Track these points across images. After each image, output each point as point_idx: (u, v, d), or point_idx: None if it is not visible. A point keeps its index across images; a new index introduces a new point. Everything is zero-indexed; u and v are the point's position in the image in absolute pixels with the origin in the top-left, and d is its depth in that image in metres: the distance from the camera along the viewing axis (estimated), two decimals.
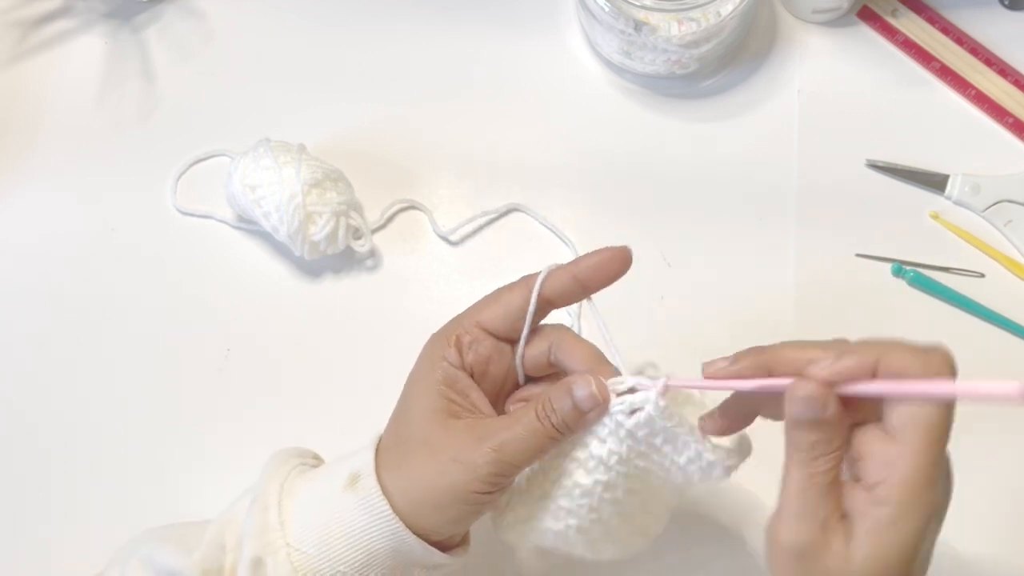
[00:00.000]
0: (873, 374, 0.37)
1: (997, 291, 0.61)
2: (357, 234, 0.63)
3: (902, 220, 0.64)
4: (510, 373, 0.47)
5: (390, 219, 0.65)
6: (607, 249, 0.45)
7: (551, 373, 0.47)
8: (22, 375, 0.63)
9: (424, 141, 0.67)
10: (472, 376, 0.45)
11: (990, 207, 0.63)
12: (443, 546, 0.45)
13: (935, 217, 0.64)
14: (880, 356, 0.37)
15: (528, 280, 0.45)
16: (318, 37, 0.70)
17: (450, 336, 0.45)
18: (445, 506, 0.43)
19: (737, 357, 0.40)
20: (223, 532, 0.46)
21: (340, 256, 0.63)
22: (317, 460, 0.51)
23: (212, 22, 0.71)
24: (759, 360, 0.39)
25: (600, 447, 0.42)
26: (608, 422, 0.42)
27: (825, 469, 0.37)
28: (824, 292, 0.62)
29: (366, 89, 0.69)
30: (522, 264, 0.63)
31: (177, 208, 0.66)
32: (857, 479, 0.38)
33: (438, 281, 0.64)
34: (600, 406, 0.42)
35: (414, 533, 0.43)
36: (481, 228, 0.65)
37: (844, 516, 0.37)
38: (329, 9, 0.71)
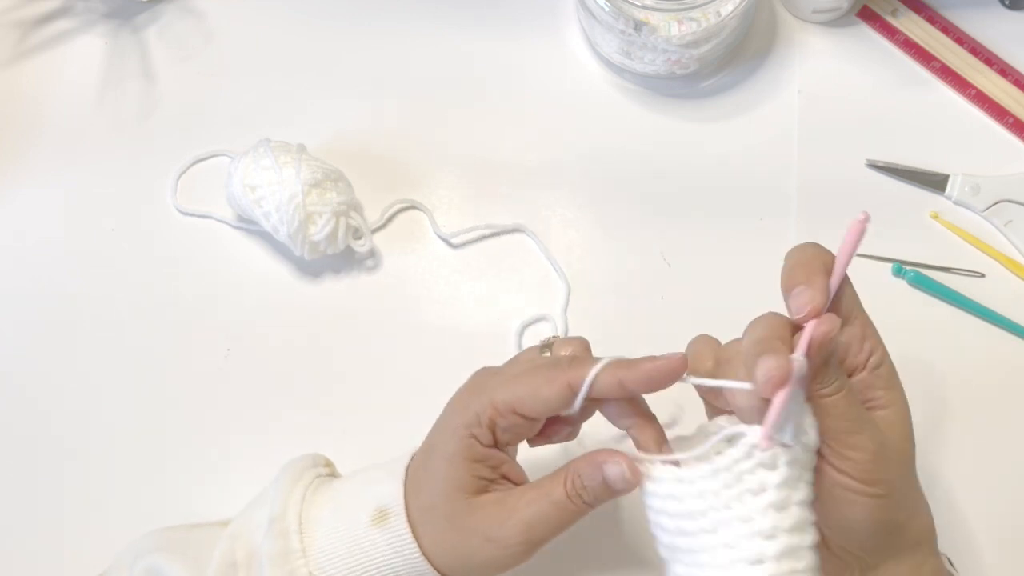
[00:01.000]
0: (828, 272, 0.41)
1: (997, 291, 0.61)
2: (357, 234, 0.63)
3: (902, 220, 0.64)
4: (538, 430, 0.45)
5: (390, 219, 0.65)
6: (660, 361, 0.41)
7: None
8: (22, 375, 0.63)
9: (424, 141, 0.67)
10: (505, 447, 0.44)
11: (990, 207, 0.63)
12: None
13: (935, 217, 0.64)
14: (816, 265, 0.41)
15: (567, 372, 0.42)
16: (318, 37, 0.70)
17: (481, 415, 0.43)
18: (481, 572, 0.43)
19: (770, 349, 0.38)
20: (234, 548, 0.46)
21: (340, 256, 0.63)
22: (330, 468, 0.50)
23: (212, 22, 0.71)
24: (780, 339, 0.39)
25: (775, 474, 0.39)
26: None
27: (847, 380, 0.40)
28: None
29: (366, 89, 0.69)
30: (523, 264, 0.64)
31: (177, 208, 0.66)
32: None
33: (438, 281, 0.64)
34: (632, 486, 0.41)
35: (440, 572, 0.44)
36: (483, 235, 0.65)
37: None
38: (329, 9, 0.71)
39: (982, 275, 0.62)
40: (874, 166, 0.65)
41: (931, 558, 0.43)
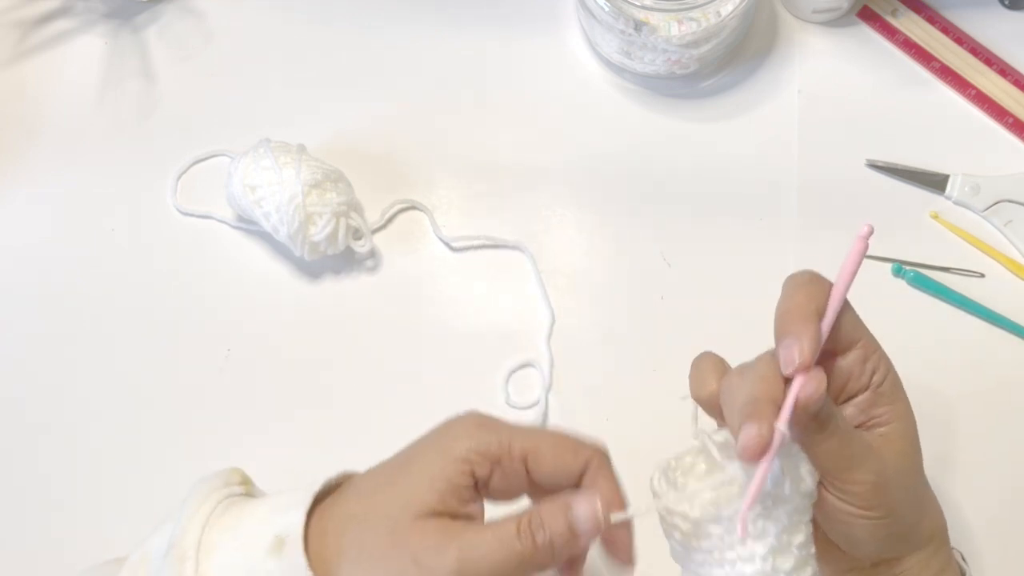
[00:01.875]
0: (820, 320, 0.39)
1: (997, 291, 0.61)
2: (357, 234, 0.63)
3: (902, 220, 0.64)
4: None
5: (390, 219, 0.65)
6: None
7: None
8: (22, 375, 0.63)
9: (424, 141, 0.67)
10: (483, 488, 0.40)
11: (990, 207, 0.63)
12: None
13: (935, 217, 0.64)
14: (805, 307, 0.39)
15: (594, 453, 0.39)
16: (318, 37, 0.70)
17: (491, 449, 0.39)
18: None
19: (756, 414, 0.37)
20: (135, 574, 0.42)
21: (340, 256, 0.63)
22: (246, 486, 0.45)
23: (212, 22, 0.71)
24: (767, 396, 0.38)
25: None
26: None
27: (842, 418, 0.40)
28: None
29: (366, 89, 0.69)
30: (522, 265, 0.64)
31: (177, 208, 0.66)
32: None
33: (438, 282, 0.64)
34: (598, 531, 0.37)
35: None
36: (482, 227, 0.65)
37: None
38: (329, 9, 0.71)
39: (982, 275, 0.62)
40: (874, 166, 0.65)
41: (941, 552, 0.43)
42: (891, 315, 0.62)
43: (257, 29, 0.71)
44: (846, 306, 0.40)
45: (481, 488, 0.40)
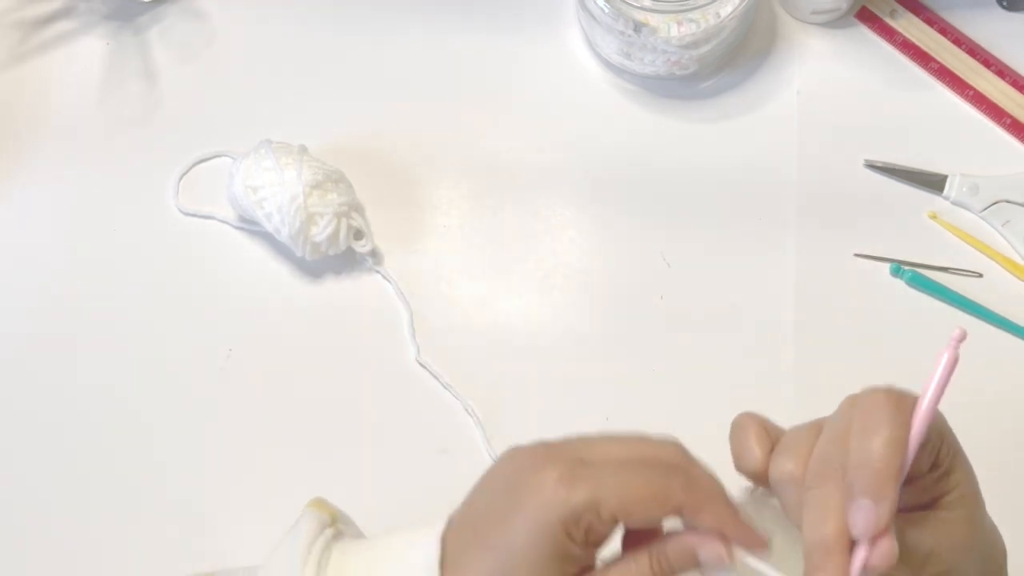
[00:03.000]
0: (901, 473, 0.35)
1: (995, 291, 0.62)
2: (358, 235, 0.63)
3: (901, 220, 0.64)
4: None
5: (391, 220, 0.66)
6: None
7: None
8: (21, 375, 0.63)
9: (425, 142, 0.67)
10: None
11: (988, 207, 0.63)
12: None
13: (933, 217, 0.64)
14: (889, 461, 0.35)
15: (675, 495, 0.36)
16: (319, 38, 0.70)
17: (581, 515, 0.35)
18: None
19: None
20: None
21: (341, 257, 0.64)
22: (336, 527, 0.43)
23: (213, 23, 0.71)
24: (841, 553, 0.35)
25: None
26: None
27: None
28: (823, 292, 0.62)
29: (367, 90, 0.69)
30: (523, 263, 0.64)
31: (179, 209, 0.66)
32: None
33: (439, 282, 0.64)
34: (725, 565, 0.36)
35: None
36: (482, 228, 0.65)
37: None
38: (330, 10, 0.71)
39: (980, 275, 0.62)
40: (873, 166, 0.65)
41: None
42: (889, 315, 0.62)
43: (259, 30, 0.71)
44: (935, 428, 0.36)
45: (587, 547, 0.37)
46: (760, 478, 0.38)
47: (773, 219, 0.64)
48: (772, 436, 0.38)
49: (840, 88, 0.67)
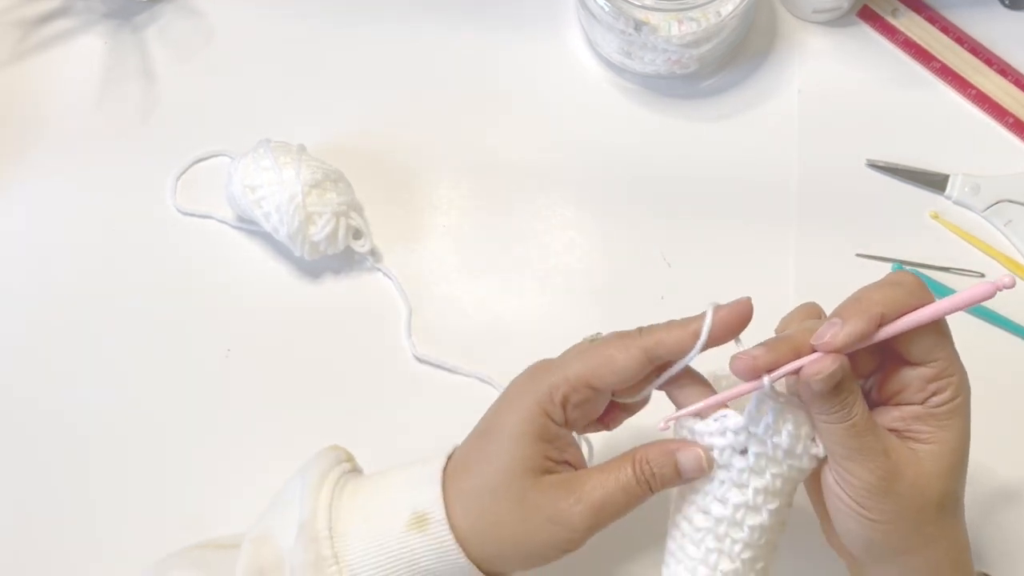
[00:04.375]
0: (879, 325, 0.39)
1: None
2: (357, 234, 0.63)
3: (902, 220, 0.64)
4: (601, 411, 0.46)
5: (390, 219, 0.65)
6: (726, 311, 0.43)
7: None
8: (21, 374, 0.63)
9: (424, 141, 0.67)
10: (573, 428, 0.45)
11: (990, 207, 0.63)
12: None
13: (935, 217, 0.64)
14: (881, 305, 0.39)
15: (639, 339, 0.43)
16: (318, 37, 0.70)
17: (555, 392, 0.43)
18: (528, 558, 0.43)
19: (768, 346, 0.40)
20: (260, 553, 0.45)
21: (340, 256, 0.63)
22: (352, 463, 0.49)
23: (212, 22, 0.71)
24: (780, 348, 0.40)
25: (759, 479, 0.42)
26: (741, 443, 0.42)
27: (861, 412, 0.40)
28: (824, 292, 0.61)
29: (366, 89, 0.69)
30: (523, 263, 0.64)
31: (177, 208, 0.66)
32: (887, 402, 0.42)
33: (439, 281, 0.64)
34: (706, 474, 0.42)
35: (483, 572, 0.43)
36: (482, 227, 0.65)
37: (894, 440, 0.41)
38: (329, 9, 0.71)
39: (982, 275, 0.62)
40: (874, 166, 0.65)
41: None
42: None
43: (257, 29, 0.71)
44: (935, 327, 0.40)
45: (569, 425, 0.44)
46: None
47: (774, 219, 0.64)
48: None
49: (841, 87, 0.67)
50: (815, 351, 0.40)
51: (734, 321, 0.42)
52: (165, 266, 0.65)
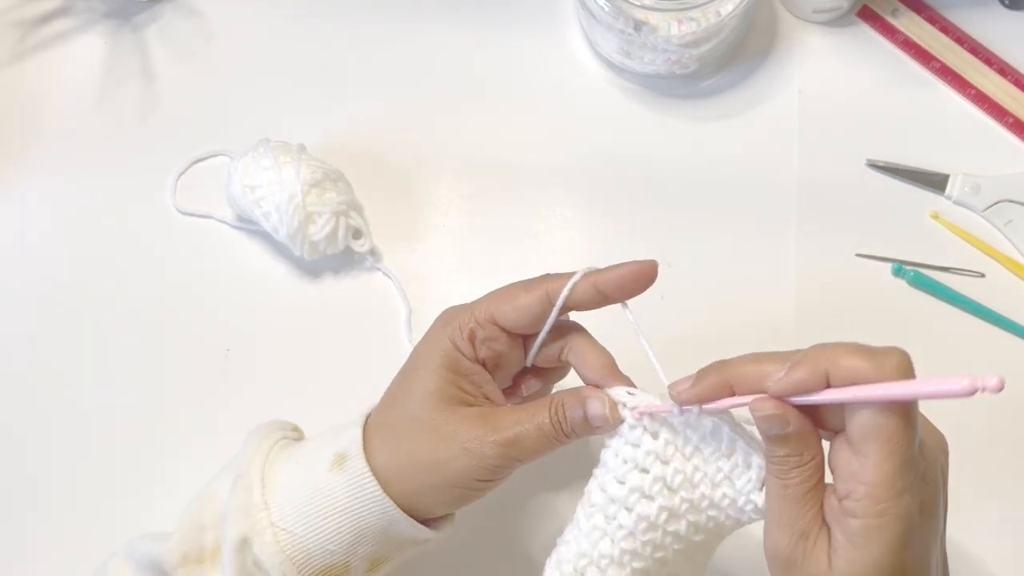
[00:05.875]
0: (827, 382, 0.35)
1: (997, 291, 0.61)
2: (357, 234, 0.63)
3: (902, 220, 0.64)
4: (521, 363, 0.47)
5: (390, 219, 0.65)
6: (633, 264, 0.45)
7: (561, 366, 0.48)
8: (21, 375, 0.63)
9: (424, 141, 0.67)
10: (486, 364, 0.46)
11: (990, 207, 0.63)
12: (429, 521, 0.46)
13: (935, 217, 0.64)
14: (830, 362, 0.35)
15: (545, 282, 0.45)
16: (318, 37, 0.70)
17: (463, 328, 0.45)
18: (445, 489, 0.44)
19: (699, 376, 0.40)
20: (202, 510, 0.46)
21: (340, 256, 0.63)
22: (298, 433, 0.51)
23: (212, 22, 0.71)
24: (721, 378, 0.39)
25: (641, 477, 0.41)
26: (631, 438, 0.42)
27: (799, 480, 0.37)
28: (824, 292, 0.62)
29: (366, 89, 0.69)
30: (523, 263, 0.64)
31: (177, 208, 0.66)
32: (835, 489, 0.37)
33: (439, 281, 0.64)
34: (610, 426, 0.43)
35: (404, 511, 0.44)
36: (482, 227, 0.65)
37: (825, 526, 0.37)
38: (329, 9, 0.71)
39: (982, 275, 0.62)
40: (874, 166, 0.65)
41: None
42: (891, 315, 0.62)
43: (257, 29, 0.71)
44: (888, 415, 0.34)
45: (482, 362, 0.45)
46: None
47: (774, 219, 0.64)
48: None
49: (841, 87, 0.67)
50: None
51: (620, 280, 0.44)
52: (165, 266, 0.65)
